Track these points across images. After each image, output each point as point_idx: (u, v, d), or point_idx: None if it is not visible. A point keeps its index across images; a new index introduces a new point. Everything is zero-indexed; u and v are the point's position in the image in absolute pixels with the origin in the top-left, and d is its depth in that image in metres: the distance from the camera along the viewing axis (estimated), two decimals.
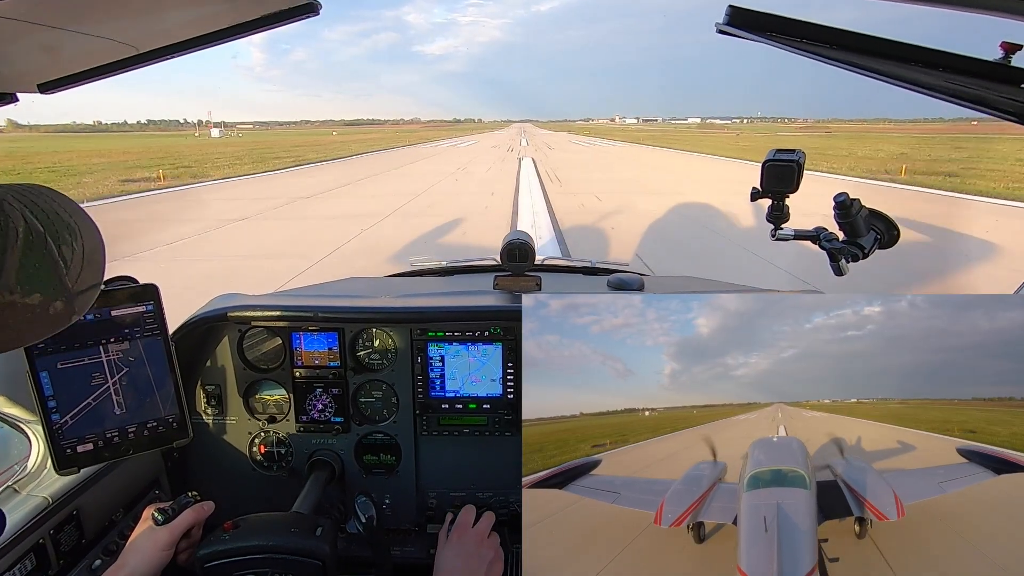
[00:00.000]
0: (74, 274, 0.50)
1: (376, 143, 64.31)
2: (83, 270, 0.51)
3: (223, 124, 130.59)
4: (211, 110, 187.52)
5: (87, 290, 0.52)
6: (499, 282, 1.86)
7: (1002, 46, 0.92)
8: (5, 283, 0.43)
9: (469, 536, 1.34)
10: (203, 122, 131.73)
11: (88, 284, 0.52)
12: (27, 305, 0.45)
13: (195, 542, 1.27)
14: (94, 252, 0.54)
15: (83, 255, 0.51)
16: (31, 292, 0.45)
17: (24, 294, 0.45)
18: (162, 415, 1.32)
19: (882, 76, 1.00)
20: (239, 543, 1.18)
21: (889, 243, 1.36)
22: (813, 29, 1.01)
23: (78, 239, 0.51)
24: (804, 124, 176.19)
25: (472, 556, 1.29)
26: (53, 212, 0.50)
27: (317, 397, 1.71)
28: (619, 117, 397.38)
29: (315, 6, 1.01)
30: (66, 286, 0.49)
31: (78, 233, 0.52)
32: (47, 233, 0.48)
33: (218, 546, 1.17)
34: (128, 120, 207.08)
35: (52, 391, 1.19)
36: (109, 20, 0.90)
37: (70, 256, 0.50)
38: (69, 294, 0.50)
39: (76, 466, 1.23)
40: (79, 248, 0.51)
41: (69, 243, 0.50)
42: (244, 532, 1.21)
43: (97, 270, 0.54)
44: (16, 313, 0.44)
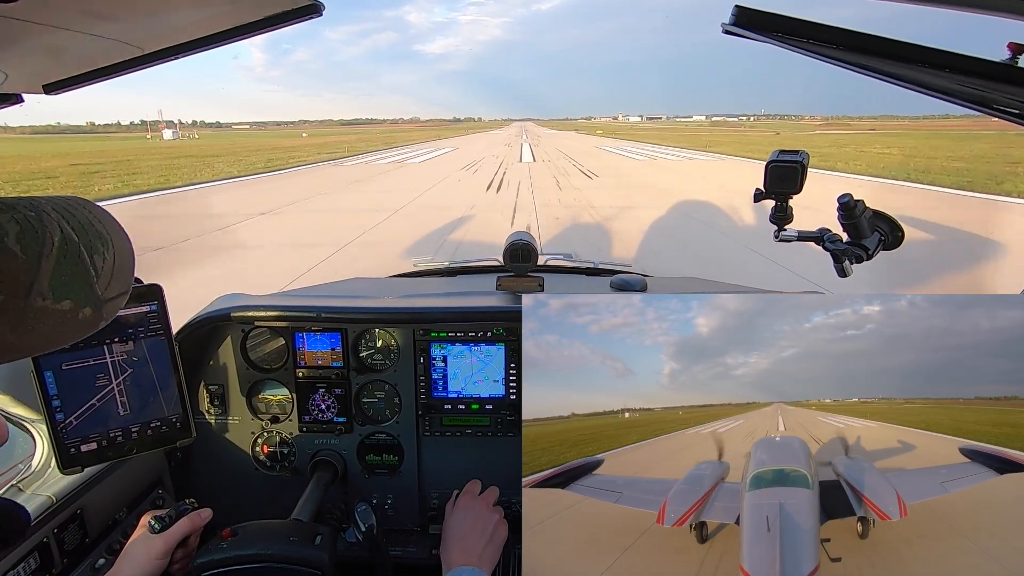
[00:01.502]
0: (104, 282, 0.53)
1: (339, 148, 48.34)
2: (113, 278, 0.54)
3: (177, 124, 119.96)
4: (161, 108, 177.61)
5: (115, 298, 0.55)
6: (501, 283, 1.87)
7: (1009, 47, 0.92)
8: (39, 289, 0.45)
9: (476, 501, 1.42)
10: (155, 123, 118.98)
11: (116, 292, 0.55)
12: (58, 311, 0.47)
13: (192, 550, 1.27)
14: (124, 261, 0.57)
15: (113, 264, 0.54)
16: (62, 299, 0.48)
17: (56, 300, 0.47)
18: (165, 415, 1.32)
19: (888, 77, 1.00)
20: (237, 552, 1.17)
21: (893, 244, 1.35)
22: (820, 30, 1.01)
23: (109, 249, 0.54)
24: (824, 121, 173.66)
25: (479, 518, 1.36)
26: (87, 222, 0.52)
27: (320, 397, 1.71)
28: (622, 115, 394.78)
29: (319, 7, 1.01)
30: (96, 294, 0.52)
31: (110, 243, 0.55)
32: (81, 243, 0.50)
33: (215, 555, 1.16)
34: (121, 121, 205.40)
35: (56, 390, 1.19)
36: (114, 21, 0.90)
37: (101, 265, 0.52)
38: (98, 301, 0.52)
39: (80, 465, 1.24)
40: (110, 257, 0.54)
41: (101, 252, 0.53)
42: (242, 540, 1.20)
43: (126, 279, 0.57)
44: (47, 318, 0.46)
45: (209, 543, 1.20)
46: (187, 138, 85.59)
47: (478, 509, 1.39)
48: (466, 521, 1.35)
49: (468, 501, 1.42)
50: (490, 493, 1.47)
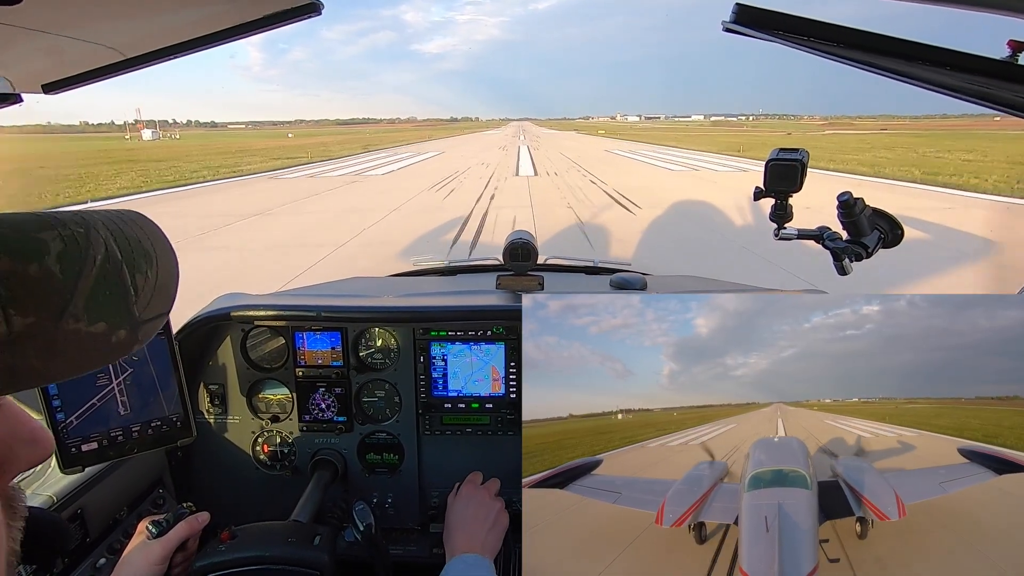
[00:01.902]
0: (143, 303, 0.48)
1: (303, 152, 41.13)
2: (153, 298, 0.50)
3: (157, 124, 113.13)
4: (140, 107, 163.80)
5: (154, 319, 0.51)
6: (501, 281, 1.86)
7: (1009, 44, 0.92)
8: (72, 311, 0.42)
9: (478, 491, 1.45)
10: (134, 122, 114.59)
11: (156, 313, 0.51)
12: (91, 334, 0.43)
13: (191, 554, 1.26)
14: (167, 280, 0.52)
15: (155, 283, 0.50)
16: (96, 320, 0.44)
17: (89, 323, 0.43)
18: (166, 414, 1.32)
19: (890, 73, 0.99)
20: (236, 554, 1.17)
21: (893, 242, 1.35)
22: (821, 27, 1.00)
23: (153, 267, 0.50)
24: (825, 120, 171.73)
25: (481, 506, 1.39)
26: (135, 239, 0.49)
27: (320, 396, 1.71)
28: (620, 115, 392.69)
29: (317, 6, 1.00)
30: (133, 315, 0.47)
31: (155, 261, 0.50)
32: (124, 261, 0.47)
33: (215, 558, 1.16)
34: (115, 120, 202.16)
35: (57, 390, 1.19)
36: (113, 20, 0.90)
37: (142, 285, 0.48)
38: (135, 322, 0.48)
39: (81, 465, 1.24)
40: (152, 276, 0.49)
41: (144, 271, 0.48)
42: (241, 543, 1.20)
43: (167, 298, 0.53)
44: (79, 341, 0.43)
45: (208, 546, 1.20)
46: (168, 138, 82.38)
47: (480, 498, 1.42)
48: (468, 509, 1.38)
49: (470, 491, 1.45)
50: (491, 484, 1.50)
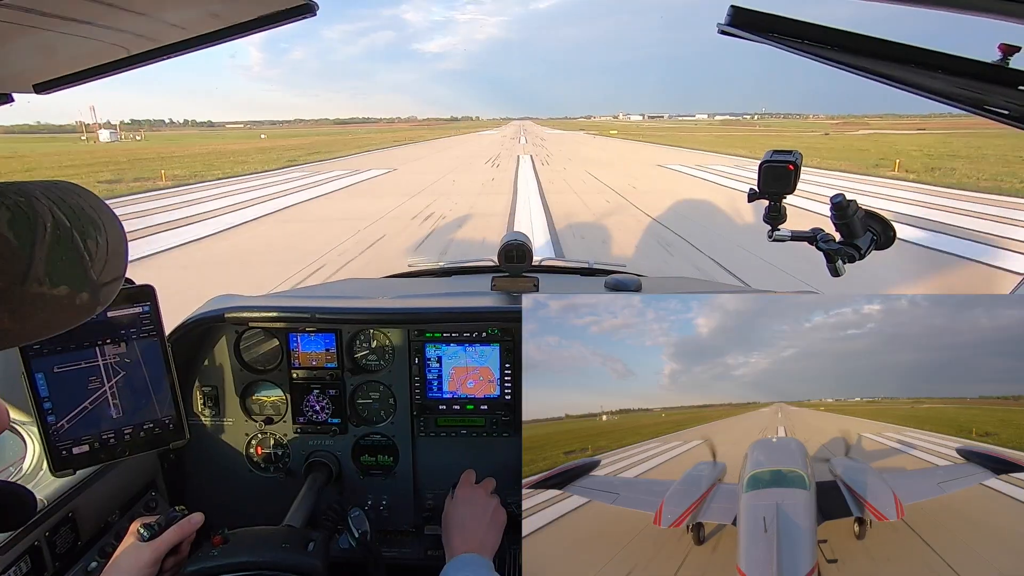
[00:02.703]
0: (99, 267, 0.54)
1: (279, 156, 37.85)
2: (107, 263, 0.55)
3: (118, 126, 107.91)
4: (93, 105, 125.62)
5: (111, 282, 0.56)
6: (496, 283, 1.86)
7: (1000, 48, 0.93)
8: (34, 275, 0.46)
9: (473, 490, 1.46)
10: (90, 124, 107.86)
11: (112, 276, 0.56)
12: (55, 297, 0.48)
13: (183, 558, 1.24)
14: (118, 246, 0.57)
15: (107, 248, 0.55)
16: (58, 284, 0.48)
17: (52, 286, 0.47)
18: (158, 417, 1.31)
19: (882, 78, 1.00)
20: (228, 560, 1.15)
21: (885, 244, 1.37)
22: (815, 30, 1.01)
23: (102, 233, 0.55)
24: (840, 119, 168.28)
25: (476, 504, 1.40)
26: (79, 207, 0.53)
27: (314, 398, 1.70)
28: (623, 114, 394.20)
29: (312, 7, 1.00)
30: (91, 278, 0.53)
31: (102, 227, 0.55)
32: (73, 227, 0.50)
33: (206, 563, 1.14)
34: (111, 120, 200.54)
35: (48, 393, 1.18)
36: (106, 20, 0.89)
37: (95, 249, 0.53)
38: (94, 285, 0.53)
39: (72, 468, 1.22)
40: (103, 242, 0.54)
41: (94, 237, 0.53)
42: (233, 548, 1.18)
43: (120, 263, 0.58)
44: (45, 304, 0.47)
45: (200, 550, 1.18)
46: (130, 140, 77.73)
47: (476, 497, 1.43)
48: (465, 509, 1.39)
49: (466, 491, 1.45)
50: (487, 482, 1.51)
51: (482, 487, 1.48)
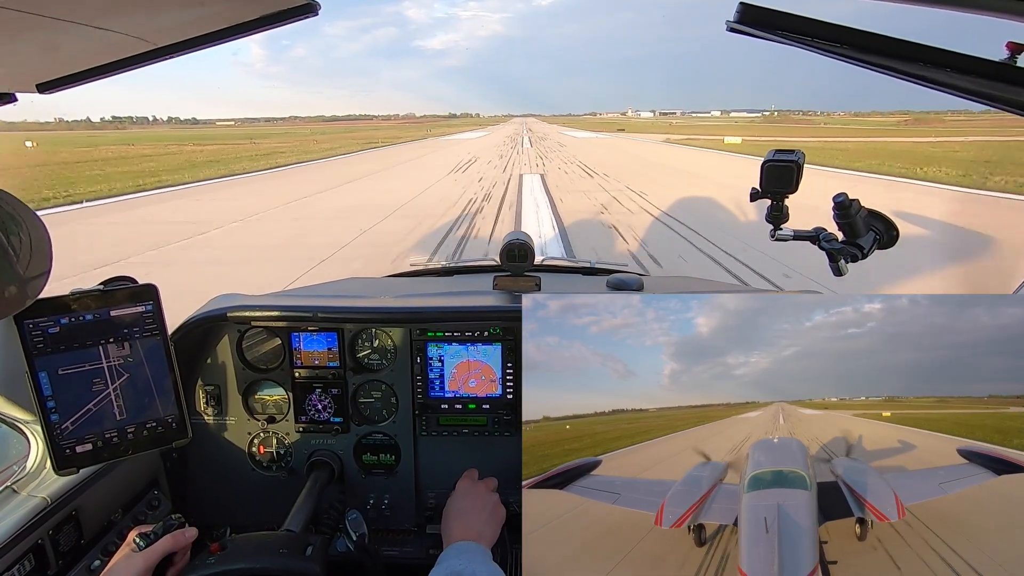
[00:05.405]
0: (24, 262, 0.54)
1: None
2: (32, 258, 0.56)
3: None
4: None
5: (37, 276, 0.58)
6: (498, 282, 1.86)
7: (1008, 46, 0.92)
8: None
9: (475, 484, 1.47)
10: None
11: (39, 271, 0.57)
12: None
13: (180, 569, 1.22)
14: (40, 241, 0.58)
15: (30, 244, 0.55)
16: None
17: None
18: (161, 415, 1.31)
19: (893, 72, 1.00)
20: (225, 566, 1.14)
21: (888, 243, 1.36)
22: (824, 28, 1.00)
23: (24, 229, 0.55)
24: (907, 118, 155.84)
25: (477, 497, 1.41)
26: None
27: (316, 397, 1.70)
28: (632, 110, 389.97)
29: (314, 6, 1.00)
30: (17, 273, 0.53)
31: (23, 223, 0.55)
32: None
33: (203, 571, 1.13)
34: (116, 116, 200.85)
35: (51, 391, 1.18)
36: (107, 20, 0.89)
37: (18, 245, 0.54)
38: (21, 280, 0.54)
39: (75, 466, 1.23)
40: (26, 238, 0.55)
41: (16, 233, 0.54)
42: (231, 555, 1.17)
43: (44, 257, 0.59)
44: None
45: (197, 559, 1.17)
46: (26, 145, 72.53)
47: (477, 490, 1.44)
48: (465, 501, 1.40)
49: (467, 485, 1.47)
50: (489, 480, 1.52)
51: (484, 483, 1.49)
